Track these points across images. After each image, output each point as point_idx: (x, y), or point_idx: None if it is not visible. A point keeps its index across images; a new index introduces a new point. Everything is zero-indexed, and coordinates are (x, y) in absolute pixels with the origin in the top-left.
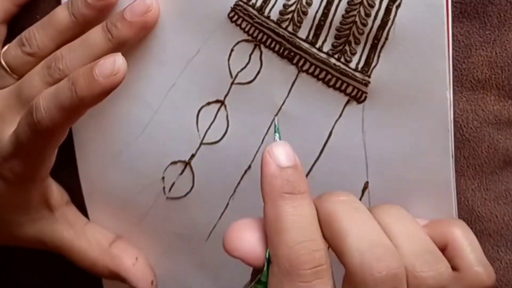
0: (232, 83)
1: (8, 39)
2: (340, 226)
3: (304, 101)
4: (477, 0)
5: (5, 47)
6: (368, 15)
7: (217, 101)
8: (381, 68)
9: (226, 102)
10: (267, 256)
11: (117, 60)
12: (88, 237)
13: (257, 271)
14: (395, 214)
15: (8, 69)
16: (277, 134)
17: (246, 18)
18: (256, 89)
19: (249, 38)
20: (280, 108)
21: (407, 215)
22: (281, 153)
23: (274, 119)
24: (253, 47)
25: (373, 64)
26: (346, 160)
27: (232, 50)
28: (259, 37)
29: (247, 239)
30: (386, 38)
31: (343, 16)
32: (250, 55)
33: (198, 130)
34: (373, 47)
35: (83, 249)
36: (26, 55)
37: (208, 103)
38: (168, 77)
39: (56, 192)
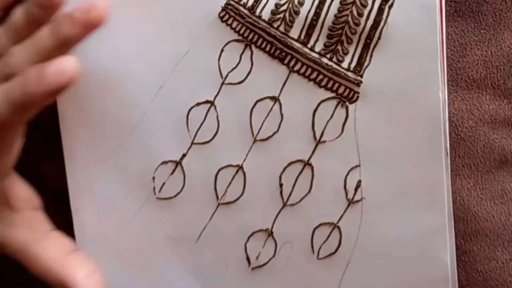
0: (222, 84)
1: None
2: None
3: (295, 102)
4: None
5: None
6: (360, 14)
7: (206, 102)
8: (373, 68)
9: (216, 103)
10: None
11: (67, 61)
12: (46, 243)
13: None
14: None
15: None
16: None
17: (237, 17)
18: (246, 90)
19: (240, 38)
20: (271, 108)
21: None
22: None
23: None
24: (244, 47)
25: (366, 64)
26: (338, 159)
27: (222, 50)
28: (250, 37)
29: None
30: (379, 38)
31: (335, 15)
32: (241, 55)
33: (188, 130)
34: (366, 47)
35: (38, 254)
36: None
37: (198, 104)
38: (157, 78)
39: (22, 194)
